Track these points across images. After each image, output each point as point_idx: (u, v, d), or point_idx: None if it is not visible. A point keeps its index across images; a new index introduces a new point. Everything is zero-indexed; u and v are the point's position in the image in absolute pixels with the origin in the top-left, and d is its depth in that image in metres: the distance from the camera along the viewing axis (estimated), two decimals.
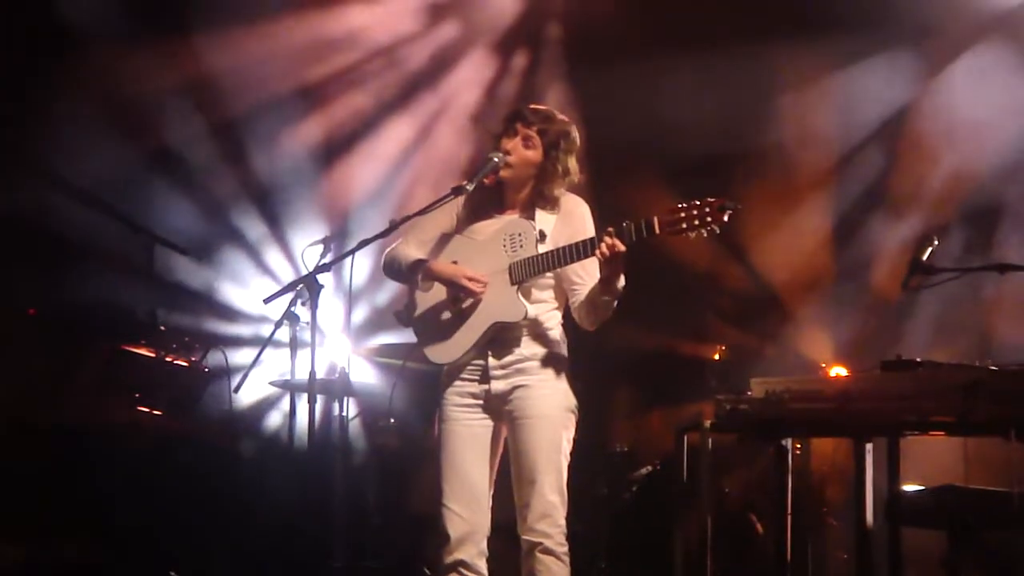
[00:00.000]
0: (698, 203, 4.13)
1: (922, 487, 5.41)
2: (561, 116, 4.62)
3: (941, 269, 5.19)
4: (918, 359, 4.74)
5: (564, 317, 4.60)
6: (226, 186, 7.85)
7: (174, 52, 7.45)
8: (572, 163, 4.56)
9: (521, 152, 4.52)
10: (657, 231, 4.17)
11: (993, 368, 4.55)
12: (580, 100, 7.42)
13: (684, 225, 4.13)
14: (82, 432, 6.02)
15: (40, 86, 7.15)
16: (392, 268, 4.72)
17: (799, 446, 6.26)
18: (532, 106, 4.65)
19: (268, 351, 5.17)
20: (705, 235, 4.12)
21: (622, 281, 4.31)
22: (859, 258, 7.54)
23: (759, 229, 7.35)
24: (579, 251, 4.31)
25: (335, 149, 8.03)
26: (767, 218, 7.37)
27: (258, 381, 7.04)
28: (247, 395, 7.39)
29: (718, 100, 7.43)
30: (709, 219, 4.11)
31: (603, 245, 4.20)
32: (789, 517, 5.29)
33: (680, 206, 4.14)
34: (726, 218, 4.10)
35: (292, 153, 7.95)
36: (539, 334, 4.49)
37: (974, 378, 4.48)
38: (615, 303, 4.38)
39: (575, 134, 4.59)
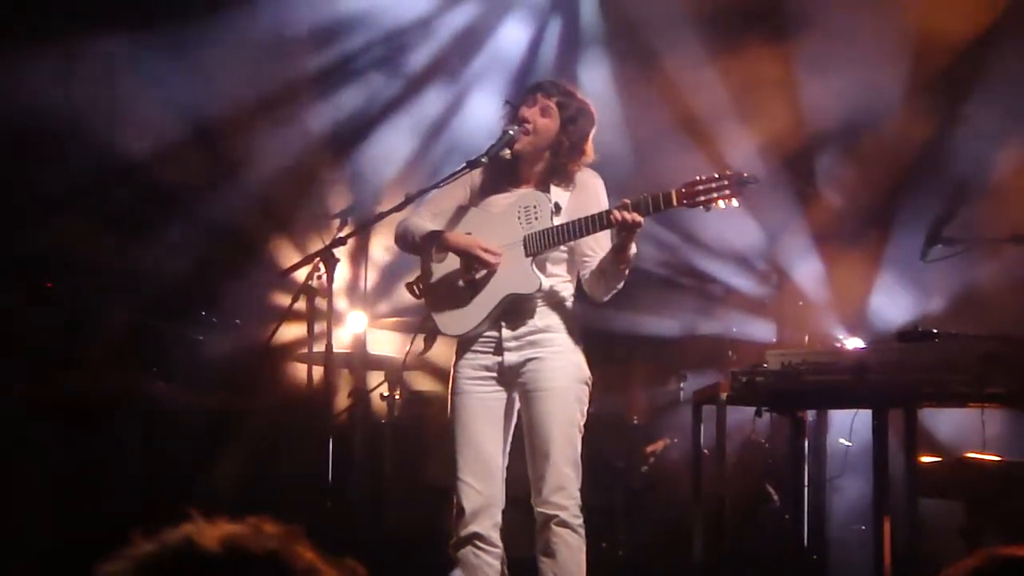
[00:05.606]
0: (716, 176, 4.12)
1: (939, 458, 5.39)
2: (582, 95, 4.59)
3: (957, 240, 5.16)
4: (935, 330, 4.71)
5: (577, 290, 4.58)
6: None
7: None
8: (587, 141, 4.53)
9: (538, 120, 4.48)
10: (675, 203, 4.16)
11: (1010, 339, 4.52)
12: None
13: (703, 197, 4.12)
14: (96, 404, 6.04)
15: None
16: (404, 240, 4.69)
17: None
18: (554, 80, 4.63)
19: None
20: (723, 207, 4.12)
21: (634, 249, 4.30)
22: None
23: None
24: (594, 223, 4.29)
25: (363, 124, 7.93)
26: None
27: (278, 353, 7.06)
28: (263, 366, 7.38)
29: None
30: (728, 191, 4.10)
31: (617, 213, 4.19)
32: (806, 488, 5.29)
33: (699, 178, 4.13)
34: (744, 191, 4.09)
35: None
36: (553, 306, 4.47)
37: (991, 349, 4.45)
38: (626, 272, 4.37)
39: (593, 114, 4.56)
